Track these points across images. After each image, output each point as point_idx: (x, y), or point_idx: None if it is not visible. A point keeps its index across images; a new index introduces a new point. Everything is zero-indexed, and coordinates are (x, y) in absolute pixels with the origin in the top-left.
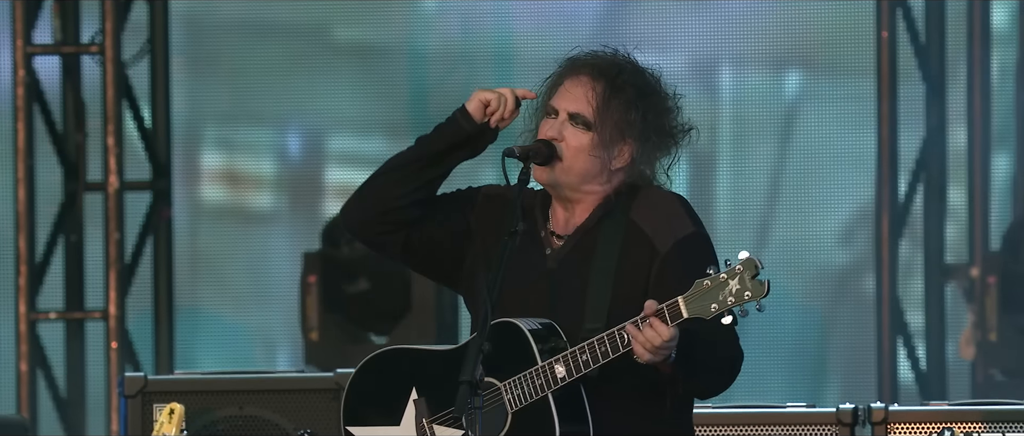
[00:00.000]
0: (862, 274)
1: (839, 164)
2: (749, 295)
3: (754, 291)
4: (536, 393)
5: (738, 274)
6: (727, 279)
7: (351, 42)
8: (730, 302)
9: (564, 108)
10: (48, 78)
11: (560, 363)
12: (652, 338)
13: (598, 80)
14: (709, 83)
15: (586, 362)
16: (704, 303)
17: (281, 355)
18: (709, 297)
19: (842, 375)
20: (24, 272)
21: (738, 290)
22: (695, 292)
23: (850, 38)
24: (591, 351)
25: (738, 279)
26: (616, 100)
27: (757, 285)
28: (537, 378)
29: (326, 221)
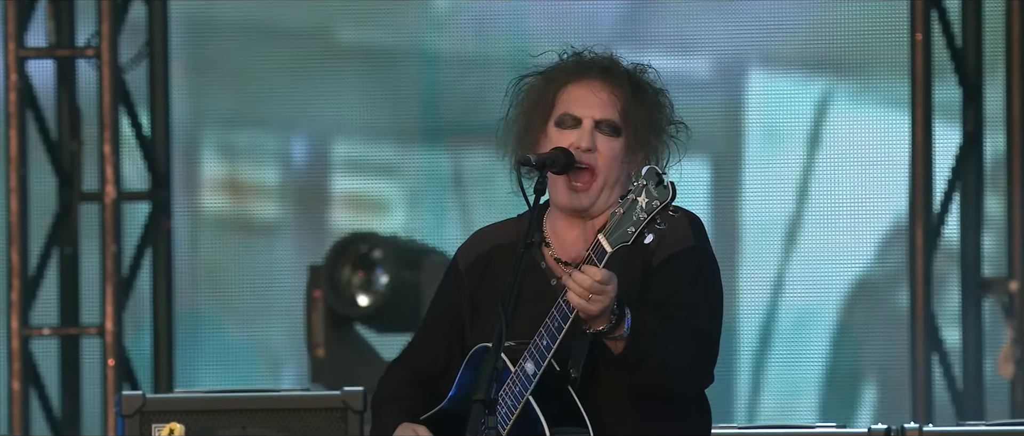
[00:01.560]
0: (895, 288)
1: (870, 172)
2: (657, 203)
3: (660, 196)
4: (517, 402)
5: (643, 188)
6: (634, 197)
7: (358, 44)
8: (643, 217)
9: (589, 115)
10: (42, 83)
11: (527, 360)
12: (581, 280)
13: (617, 82)
14: (734, 86)
15: (547, 345)
16: (621, 230)
17: (286, 372)
18: (624, 223)
19: (874, 394)
20: (16, 286)
21: (647, 203)
22: (611, 224)
23: (883, 40)
24: (547, 331)
25: (644, 192)
26: (639, 101)
27: (662, 190)
28: (514, 386)
29: (332, 231)
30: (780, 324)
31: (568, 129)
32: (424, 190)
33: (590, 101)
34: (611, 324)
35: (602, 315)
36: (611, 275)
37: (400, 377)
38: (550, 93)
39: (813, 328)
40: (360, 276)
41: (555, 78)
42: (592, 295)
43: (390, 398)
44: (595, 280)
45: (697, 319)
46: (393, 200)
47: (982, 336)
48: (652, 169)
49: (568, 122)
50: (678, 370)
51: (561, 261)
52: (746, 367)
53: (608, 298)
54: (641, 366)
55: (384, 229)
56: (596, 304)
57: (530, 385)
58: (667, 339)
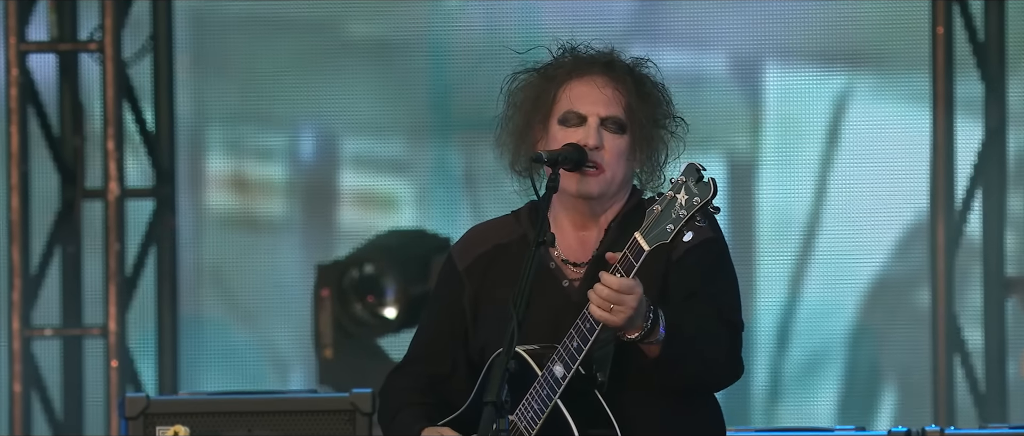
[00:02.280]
0: (916, 287)
1: (891, 169)
2: (698, 200)
3: (701, 193)
4: (545, 406)
5: (682, 184)
6: (674, 194)
7: (368, 38)
8: (683, 214)
9: (594, 112)
10: (43, 78)
11: (556, 363)
12: (599, 291)
13: (620, 77)
14: (751, 82)
15: (578, 348)
16: (660, 228)
17: (293, 374)
18: (663, 220)
19: (894, 396)
20: (17, 286)
21: (687, 200)
22: (649, 222)
23: (903, 34)
24: (578, 333)
25: (684, 189)
26: (642, 97)
27: (703, 187)
28: (542, 389)
29: (340, 229)
30: (798, 324)
31: (572, 127)
32: (434, 187)
33: (595, 98)
34: (645, 331)
35: (631, 324)
36: (633, 284)
37: (407, 385)
38: (551, 90)
39: (832, 328)
40: (371, 301)
41: (555, 75)
42: (612, 306)
43: (405, 404)
44: (613, 289)
45: (726, 311)
46: (403, 197)
47: (1005, 337)
48: (692, 165)
49: (573, 120)
50: (718, 364)
51: (568, 261)
52: (763, 368)
53: (629, 308)
54: (680, 368)
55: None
56: (618, 314)
57: (559, 388)
58: (702, 338)
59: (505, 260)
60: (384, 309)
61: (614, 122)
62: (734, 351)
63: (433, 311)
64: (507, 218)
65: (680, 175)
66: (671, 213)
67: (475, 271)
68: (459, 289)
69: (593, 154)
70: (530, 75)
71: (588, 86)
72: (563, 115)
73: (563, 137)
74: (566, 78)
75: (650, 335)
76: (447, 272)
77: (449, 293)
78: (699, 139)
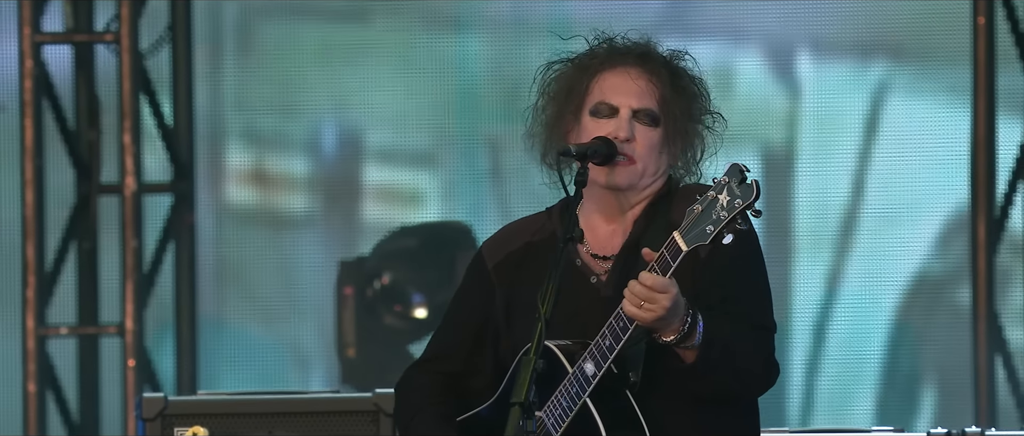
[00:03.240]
0: (956, 285)
1: (930, 163)
2: (739, 202)
3: (743, 194)
4: (573, 404)
5: (725, 185)
6: (715, 195)
7: (393, 28)
8: (724, 216)
9: (626, 104)
10: (58, 70)
11: (587, 360)
12: (633, 287)
13: (655, 69)
14: (786, 74)
15: (610, 346)
16: (699, 229)
17: (315, 374)
18: (703, 221)
19: (935, 396)
20: (32, 283)
21: (728, 201)
22: (689, 222)
23: (943, 25)
24: (611, 331)
25: (726, 190)
26: (677, 90)
27: (746, 188)
28: (571, 387)
29: (364, 225)
30: (835, 323)
31: (604, 118)
32: (460, 182)
33: (628, 89)
34: (682, 334)
35: (665, 324)
36: (668, 283)
37: (425, 383)
38: (584, 81)
39: (870, 327)
40: (398, 310)
41: (588, 65)
42: (644, 303)
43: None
44: (646, 286)
45: (758, 314)
46: (428, 192)
47: None
48: (736, 166)
49: (604, 111)
50: (752, 375)
51: (597, 256)
52: (799, 368)
53: (661, 308)
54: (713, 377)
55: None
56: (649, 313)
57: (589, 387)
58: (739, 348)
59: (536, 259)
60: (415, 311)
61: (647, 114)
62: (769, 357)
63: (458, 309)
64: (539, 216)
65: (723, 175)
66: (711, 214)
67: (505, 270)
68: (488, 288)
69: (624, 146)
70: (564, 66)
71: (621, 77)
72: (595, 106)
73: (594, 128)
74: (599, 69)
75: (686, 339)
76: (476, 270)
77: (477, 292)
78: (733, 133)
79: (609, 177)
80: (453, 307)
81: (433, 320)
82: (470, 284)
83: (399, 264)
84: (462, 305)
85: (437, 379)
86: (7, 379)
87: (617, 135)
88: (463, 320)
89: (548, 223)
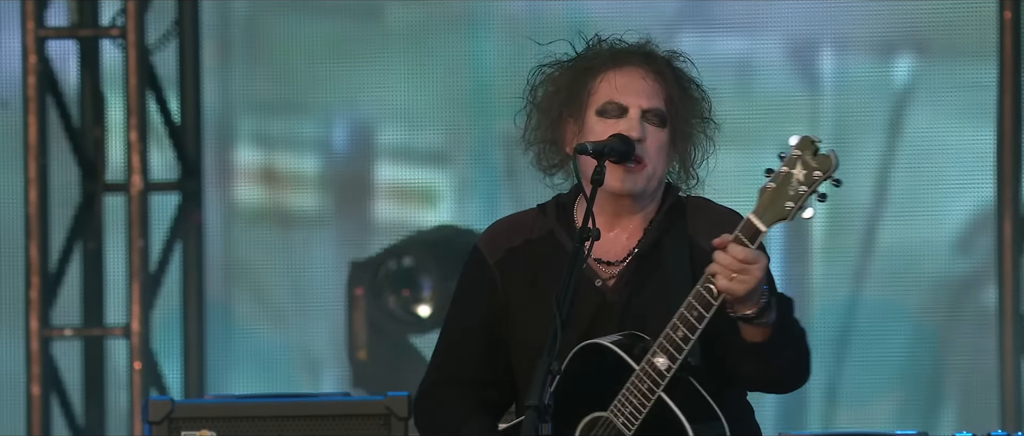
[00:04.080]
0: (982, 286)
1: (955, 161)
2: (819, 174)
3: (821, 165)
4: (646, 401)
5: (798, 159)
6: (788, 170)
7: (405, 23)
8: (803, 191)
9: (636, 103)
10: (63, 65)
11: (658, 354)
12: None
13: (660, 70)
14: (808, 70)
15: (684, 337)
16: (777, 207)
17: (326, 376)
18: (779, 198)
19: (959, 400)
20: (36, 284)
21: (806, 175)
22: (762, 202)
23: (968, 19)
24: (684, 322)
25: (800, 164)
26: (683, 91)
27: (823, 159)
28: (641, 384)
29: (376, 224)
30: (857, 324)
31: (612, 118)
32: (475, 180)
33: (636, 89)
34: (760, 309)
35: (750, 298)
36: (758, 254)
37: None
38: (586, 81)
39: (892, 328)
40: (406, 295)
41: (591, 65)
42: (735, 274)
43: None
44: (738, 259)
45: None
46: (441, 191)
47: None
48: (807, 138)
49: (613, 111)
50: (804, 362)
51: (600, 261)
52: (820, 369)
53: (754, 279)
54: (779, 356)
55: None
56: (741, 284)
57: (663, 381)
58: (800, 331)
59: (535, 256)
60: (418, 306)
61: (656, 114)
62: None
63: (466, 313)
64: (532, 212)
65: (793, 149)
66: (787, 189)
67: (506, 265)
68: (493, 285)
69: (636, 146)
70: (559, 67)
71: (628, 77)
72: (602, 106)
73: (602, 129)
74: (603, 68)
75: (764, 314)
76: (477, 268)
77: (483, 291)
78: (754, 130)
79: (624, 183)
80: (459, 313)
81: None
82: (473, 284)
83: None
84: (469, 308)
85: (461, 391)
86: (10, 382)
87: (630, 134)
88: (474, 324)
89: (544, 221)
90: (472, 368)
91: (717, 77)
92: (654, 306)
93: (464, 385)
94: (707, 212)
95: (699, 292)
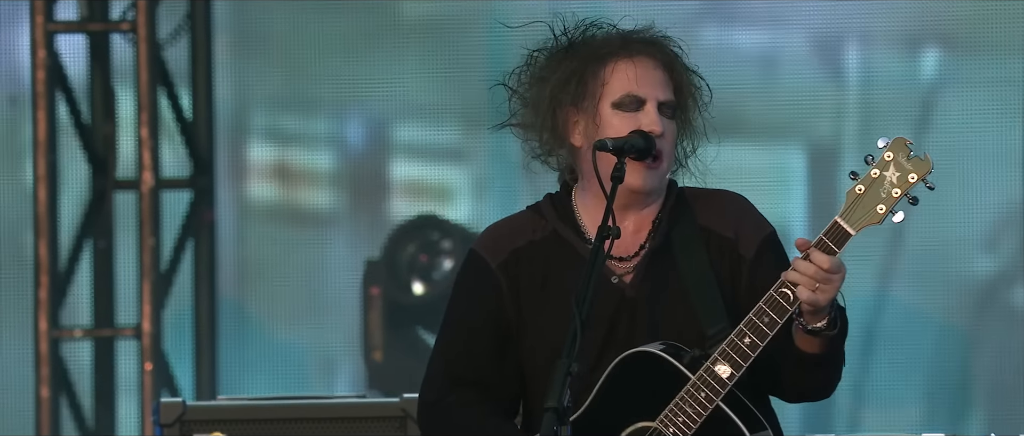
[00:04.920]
0: (1010, 285)
1: (983, 158)
2: (914, 176)
3: (917, 168)
4: (704, 409)
5: (890, 162)
6: (881, 172)
7: (421, 17)
8: (896, 194)
9: (652, 96)
10: (73, 60)
11: (719, 362)
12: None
13: (667, 59)
14: (833, 64)
15: (751, 344)
16: (868, 209)
17: (340, 378)
18: (870, 200)
19: (987, 402)
20: (45, 283)
21: (899, 177)
22: (849, 206)
23: (997, 13)
24: (752, 329)
25: (893, 166)
26: (688, 79)
27: (918, 162)
28: (698, 392)
29: (392, 223)
30: (883, 325)
31: (630, 112)
32: (492, 177)
33: (652, 80)
34: (831, 319)
35: (829, 309)
36: (840, 264)
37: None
38: (597, 70)
39: (919, 329)
40: (423, 260)
41: (600, 54)
42: (818, 284)
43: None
44: (823, 268)
45: None
46: (458, 187)
47: None
48: (900, 140)
49: (631, 104)
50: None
51: (613, 257)
52: (846, 371)
53: (835, 289)
54: (829, 365)
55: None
56: (824, 294)
57: (723, 390)
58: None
59: (539, 257)
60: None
61: (669, 106)
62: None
63: (469, 315)
64: (525, 214)
65: (884, 151)
66: (879, 192)
67: (510, 268)
68: (497, 289)
69: (657, 141)
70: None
71: (643, 67)
72: (620, 99)
73: (620, 123)
74: (614, 57)
75: (830, 327)
76: (477, 272)
77: (487, 294)
78: (778, 125)
79: (645, 180)
80: (463, 317)
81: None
82: (476, 288)
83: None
84: (474, 312)
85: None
86: (20, 383)
87: (653, 129)
88: (479, 327)
89: (542, 221)
90: (480, 371)
91: (740, 72)
92: (673, 299)
93: (475, 387)
94: (712, 199)
95: (774, 298)
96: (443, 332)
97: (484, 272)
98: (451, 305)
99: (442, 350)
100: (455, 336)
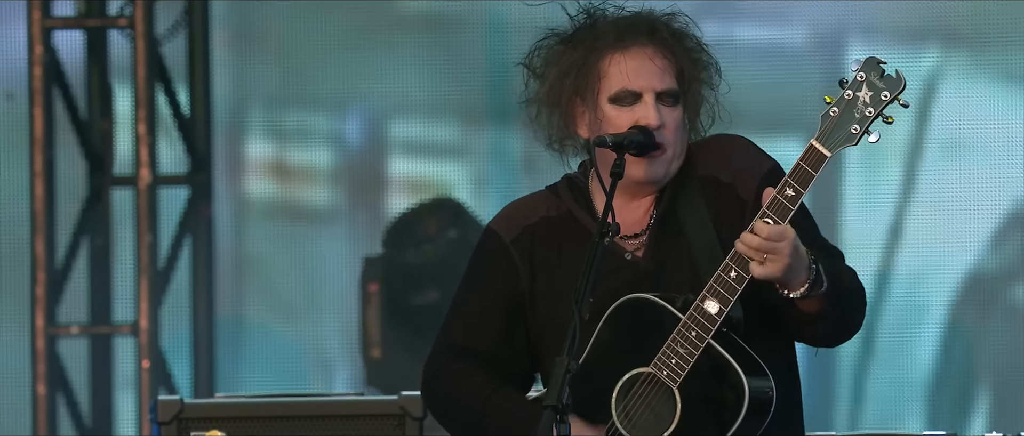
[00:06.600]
0: (1013, 282)
1: (986, 154)
2: (887, 95)
3: (889, 86)
4: (695, 348)
5: (862, 83)
6: (854, 93)
7: (420, 12)
8: (870, 113)
9: (649, 88)
10: (69, 56)
11: (708, 299)
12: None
13: (667, 43)
14: (834, 59)
15: (738, 277)
16: (842, 131)
17: (338, 375)
18: (844, 122)
19: (991, 401)
20: (42, 280)
21: (872, 96)
22: (825, 128)
23: (999, 9)
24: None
25: (865, 86)
26: (693, 60)
27: (891, 80)
28: (689, 331)
29: (390, 220)
30: (884, 322)
31: (627, 106)
32: (492, 174)
33: (648, 71)
34: (810, 283)
35: (793, 275)
36: (784, 230)
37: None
38: (593, 64)
39: (921, 326)
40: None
41: (595, 46)
42: (766, 255)
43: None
44: (763, 237)
45: (831, 246)
46: (457, 184)
47: None
48: (872, 59)
49: (628, 99)
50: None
51: (624, 236)
52: (847, 369)
53: (784, 255)
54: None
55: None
56: (774, 265)
57: (713, 327)
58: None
59: (553, 235)
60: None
61: (669, 95)
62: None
63: (480, 289)
64: (543, 194)
65: (856, 72)
66: (853, 113)
67: (523, 243)
68: (511, 263)
69: (656, 134)
70: (562, 43)
71: (637, 60)
72: (616, 94)
73: (618, 117)
74: (609, 49)
75: (814, 289)
76: (492, 246)
77: (499, 270)
78: (779, 120)
79: (648, 173)
80: (475, 290)
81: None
82: (489, 263)
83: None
84: (486, 286)
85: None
86: (16, 381)
87: (649, 123)
88: (489, 302)
89: (559, 201)
90: (491, 344)
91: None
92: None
93: (482, 358)
94: (709, 145)
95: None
96: (455, 305)
97: (498, 247)
98: (465, 280)
99: (453, 322)
100: (467, 310)
